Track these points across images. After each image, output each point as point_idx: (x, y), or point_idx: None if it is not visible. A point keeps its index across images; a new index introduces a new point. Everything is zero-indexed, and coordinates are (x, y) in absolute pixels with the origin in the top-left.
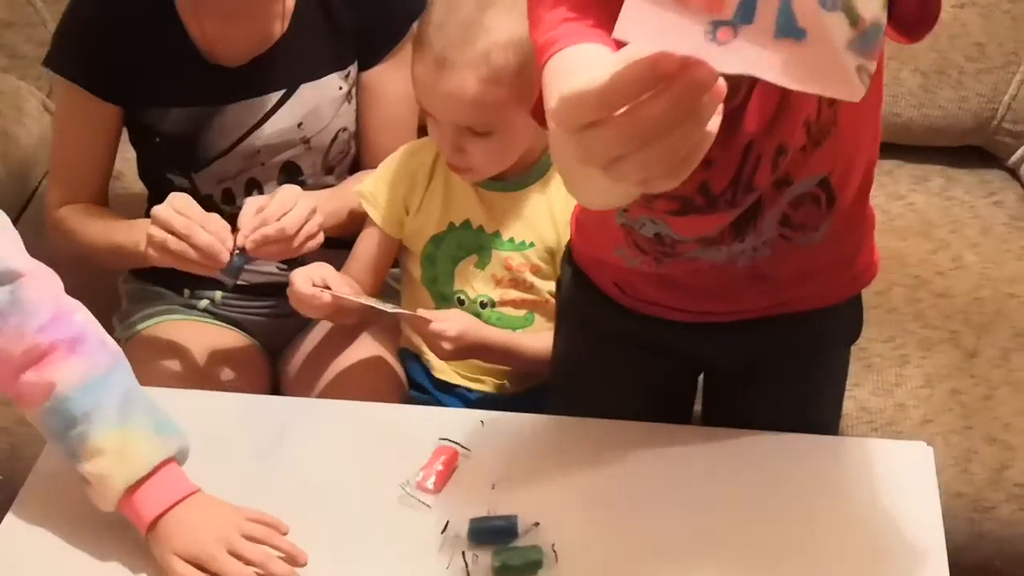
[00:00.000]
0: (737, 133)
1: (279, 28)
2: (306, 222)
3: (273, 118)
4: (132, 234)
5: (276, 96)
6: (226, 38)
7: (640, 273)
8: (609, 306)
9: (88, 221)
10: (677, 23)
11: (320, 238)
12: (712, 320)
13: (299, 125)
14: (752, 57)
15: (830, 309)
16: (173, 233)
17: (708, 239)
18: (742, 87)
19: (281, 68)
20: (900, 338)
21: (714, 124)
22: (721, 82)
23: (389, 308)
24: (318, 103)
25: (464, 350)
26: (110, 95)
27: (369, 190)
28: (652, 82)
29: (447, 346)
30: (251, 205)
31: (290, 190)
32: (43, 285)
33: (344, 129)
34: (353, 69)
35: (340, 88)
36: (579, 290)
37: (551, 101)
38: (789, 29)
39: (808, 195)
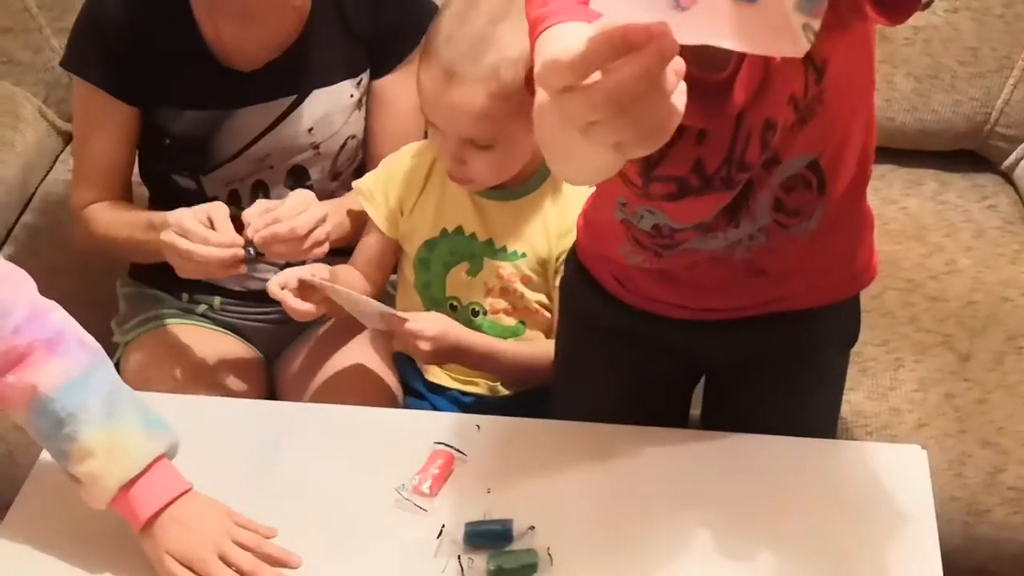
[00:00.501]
0: (728, 103)
1: (294, 33)
2: (316, 227)
3: (284, 123)
4: (152, 234)
5: (288, 101)
6: (241, 42)
7: (640, 268)
8: (609, 301)
9: (111, 221)
10: None
11: (326, 247)
12: (711, 317)
13: (310, 130)
14: (708, 26)
15: (828, 309)
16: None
17: (704, 225)
18: (732, 58)
19: (294, 73)
20: (894, 342)
21: (679, 100)
22: (679, 59)
23: (365, 298)
24: (329, 109)
25: (442, 353)
26: (128, 97)
27: (367, 187)
28: (622, 50)
29: (424, 346)
30: (260, 204)
31: (304, 194)
32: (15, 286)
33: (353, 136)
34: (365, 77)
35: (351, 95)
36: (580, 285)
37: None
38: None
39: (799, 177)
